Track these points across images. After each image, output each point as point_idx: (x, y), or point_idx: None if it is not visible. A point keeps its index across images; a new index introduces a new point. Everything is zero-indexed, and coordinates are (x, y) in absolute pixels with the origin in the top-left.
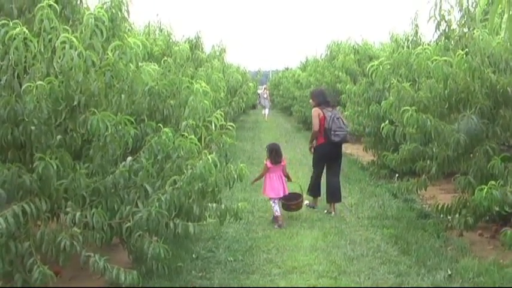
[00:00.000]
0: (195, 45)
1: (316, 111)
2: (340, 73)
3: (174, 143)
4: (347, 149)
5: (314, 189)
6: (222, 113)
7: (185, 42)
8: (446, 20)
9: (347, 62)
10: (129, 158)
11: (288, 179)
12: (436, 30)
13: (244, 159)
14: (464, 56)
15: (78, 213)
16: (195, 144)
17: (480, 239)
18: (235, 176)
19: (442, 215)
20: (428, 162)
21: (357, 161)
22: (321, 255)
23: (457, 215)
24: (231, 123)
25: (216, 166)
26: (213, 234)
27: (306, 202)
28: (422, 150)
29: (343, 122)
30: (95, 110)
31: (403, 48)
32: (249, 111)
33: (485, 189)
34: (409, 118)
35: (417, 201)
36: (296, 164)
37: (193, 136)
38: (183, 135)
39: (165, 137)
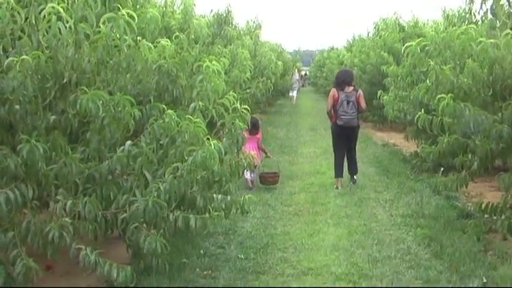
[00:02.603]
0: (224, 21)
1: (332, 92)
2: (384, 53)
3: (179, 126)
4: (391, 138)
5: (335, 170)
6: (247, 95)
7: (213, 16)
8: None
9: (390, 41)
10: (128, 142)
11: (265, 154)
12: (481, 6)
13: (275, 147)
14: None
15: (69, 202)
16: (202, 128)
17: None
18: (245, 165)
19: (485, 216)
20: (469, 156)
21: (399, 153)
22: (342, 256)
23: (502, 216)
24: (246, 106)
25: (221, 154)
26: (226, 228)
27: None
28: (463, 142)
29: (355, 106)
30: (86, 89)
31: (455, 26)
32: (288, 95)
33: None
34: (445, 107)
35: (461, 198)
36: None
37: (199, 119)
38: (189, 119)
39: (168, 120)
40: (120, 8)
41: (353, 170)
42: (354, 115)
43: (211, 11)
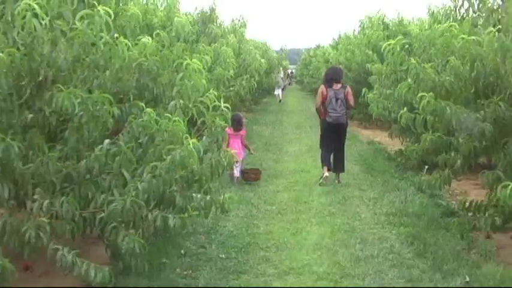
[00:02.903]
0: (208, 19)
1: (320, 89)
2: (369, 51)
3: (158, 124)
4: (376, 136)
5: (322, 160)
6: (231, 93)
7: (198, 14)
8: None
9: (375, 38)
10: (107, 141)
11: (248, 149)
12: (462, 3)
13: (260, 145)
14: (496, 33)
15: (46, 201)
16: (181, 127)
17: (511, 242)
18: (225, 164)
19: (469, 214)
20: (452, 154)
21: (384, 151)
22: (325, 255)
23: (486, 214)
24: (227, 104)
25: (199, 152)
26: (208, 228)
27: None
28: (446, 140)
29: (344, 104)
30: (61, 87)
31: (440, 23)
32: (274, 93)
33: (511, 186)
34: (425, 105)
35: (445, 196)
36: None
37: (178, 118)
38: (168, 117)
39: (147, 118)
40: (96, 4)
41: (339, 168)
42: (343, 112)
43: (196, 8)
